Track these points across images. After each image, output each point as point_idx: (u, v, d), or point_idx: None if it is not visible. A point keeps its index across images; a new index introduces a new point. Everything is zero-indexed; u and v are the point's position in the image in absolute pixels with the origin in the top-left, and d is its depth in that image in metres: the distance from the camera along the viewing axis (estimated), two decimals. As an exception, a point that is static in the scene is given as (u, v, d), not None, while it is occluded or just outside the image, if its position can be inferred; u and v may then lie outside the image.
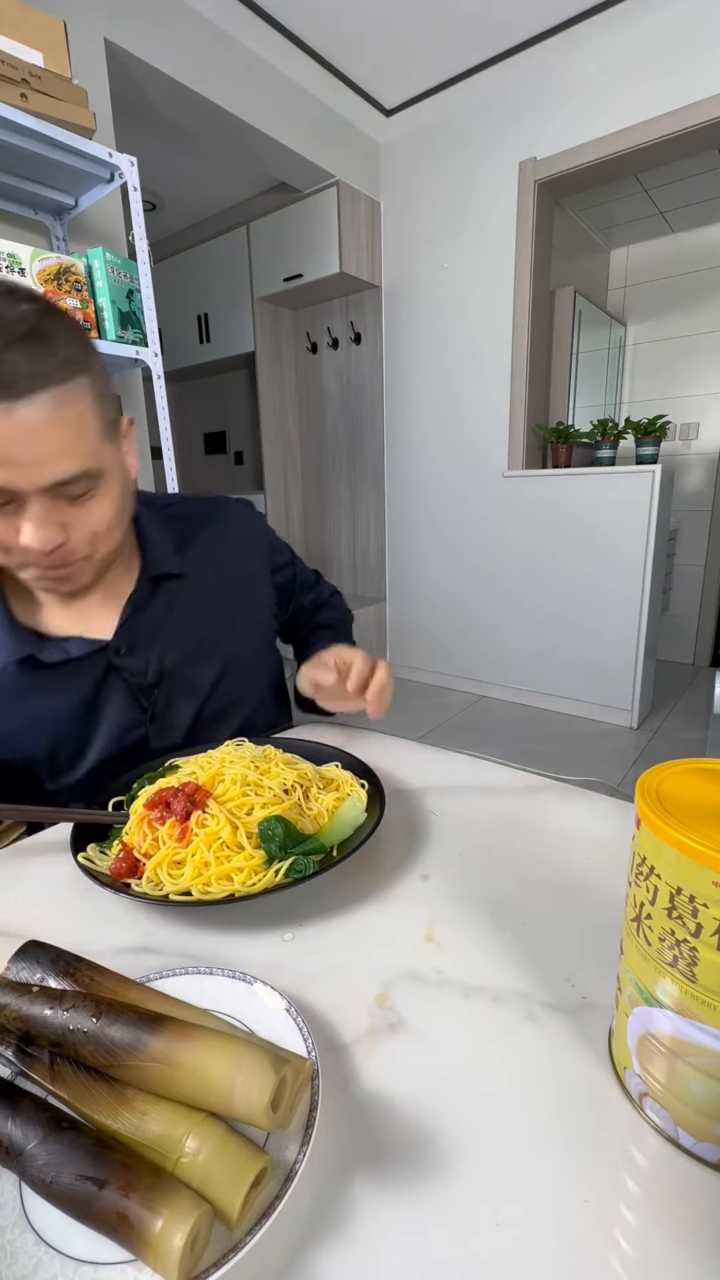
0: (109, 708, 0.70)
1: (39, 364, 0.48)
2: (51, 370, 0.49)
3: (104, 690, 0.69)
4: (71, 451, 0.52)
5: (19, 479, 0.50)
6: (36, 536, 0.53)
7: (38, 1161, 0.26)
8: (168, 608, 0.73)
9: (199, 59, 2.18)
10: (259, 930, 0.46)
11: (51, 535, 0.54)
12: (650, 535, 2.58)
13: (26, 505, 0.53)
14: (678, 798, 0.30)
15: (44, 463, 0.51)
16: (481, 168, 2.74)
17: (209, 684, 0.76)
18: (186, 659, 0.74)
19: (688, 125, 2.24)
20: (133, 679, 0.70)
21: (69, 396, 0.51)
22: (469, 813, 0.63)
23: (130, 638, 0.70)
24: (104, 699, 0.69)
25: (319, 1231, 0.27)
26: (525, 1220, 0.28)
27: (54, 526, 0.54)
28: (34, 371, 0.48)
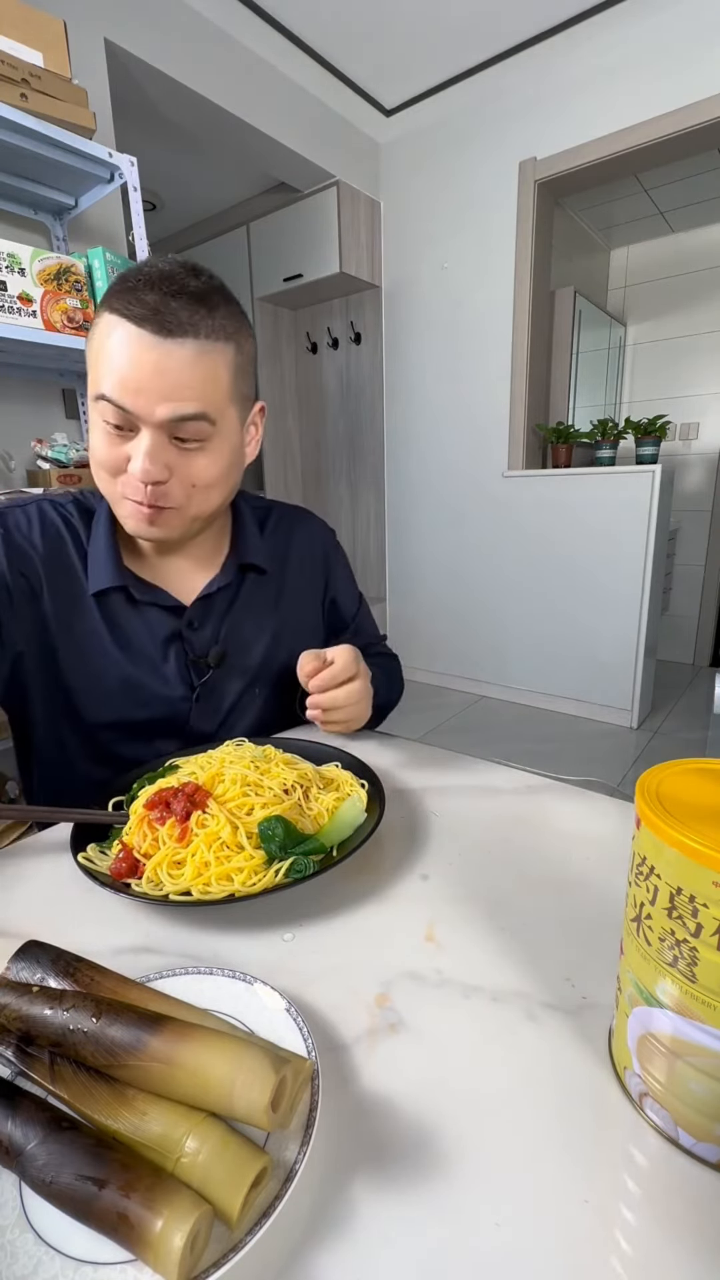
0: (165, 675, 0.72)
1: (194, 318, 0.57)
2: (201, 325, 0.57)
3: (166, 654, 0.72)
4: (194, 396, 0.59)
5: (142, 406, 0.57)
6: (141, 466, 0.59)
7: (38, 1161, 0.26)
8: (243, 598, 0.77)
9: (199, 59, 2.18)
10: (259, 930, 0.46)
11: (155, 470, 0.60)
12: (650, 535, 2.58)
13: (141, 435, 0.59)
14: (678, 798, 0.30)
15: (169, 398, 0.57)
16: (481, 168, 2.74)
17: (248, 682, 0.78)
18: (241, 652, 0.76)
19: (688, 125, 2.24)
20: (192, 654, 0.72)
21: (209, 351, 0.59)
22: (469, 813, 0.63)
23: (204, 614, 0.74)
24: (164, 662, 0.72)
25: (319, 1231, 0.27)
26: (525, 1220, 0.28)
27: (159, 464, 0.60)
28: (188, 321, 0.57)
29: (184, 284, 0.57)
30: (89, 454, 0.64)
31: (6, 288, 1.38)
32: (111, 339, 0.57)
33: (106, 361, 0.57)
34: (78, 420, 1.90)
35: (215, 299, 0.59)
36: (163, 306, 0.56)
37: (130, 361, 0.56)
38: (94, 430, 0.61)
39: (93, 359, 0.59)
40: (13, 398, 1.76)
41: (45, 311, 1.44)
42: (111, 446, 0.60)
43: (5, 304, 1.38)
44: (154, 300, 0.56)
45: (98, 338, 0.58)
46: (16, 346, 1.49)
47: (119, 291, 0.57)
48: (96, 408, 0.59)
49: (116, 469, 0.61)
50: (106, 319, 0.57)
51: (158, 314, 0.56)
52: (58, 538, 0.70)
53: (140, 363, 0.56)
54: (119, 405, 0.57)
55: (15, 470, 1.75)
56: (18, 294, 1.40)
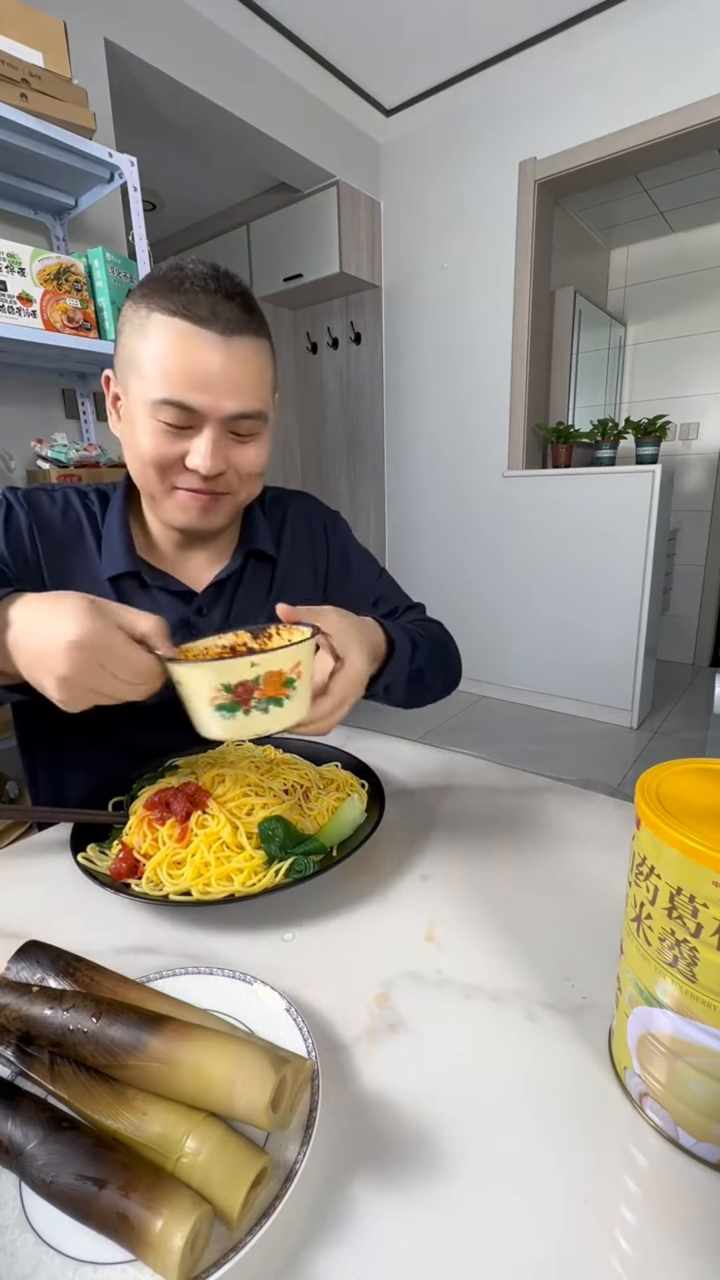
0: None
1: (245, 316, 0.60)
2: (255, 325, 0.61)
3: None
4: (255, 392, 0.62)
5: (209, 404, 0.59)
6: (207, 461, 0.61)
7: (38, 1161, 0.26)
8: (247, 582, 0.78)
9: (199, 59, 2.18)
10: (259, 930, 0.46)
11: (217, 463, 0.62)
12: (650, 535, 2.58)
13: (203, 431, 0.61)
14: (678, 798, 0.30)
15: (234, 394, 0.60)
16: (481, 168, 2.74)
17: None
18: None
19: (688, 125, 2.24)
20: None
21: (261, 350, 0.62)
22: (469, 813, 0.63)
23: (212, 601, 0.75)
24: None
25: (319, 1231, 0.27)
26: (525, 1220, 0.28)
27: (220, 456, 0.62)
28: (245, 320, 0.60)
29: (226, 285, 0.59)
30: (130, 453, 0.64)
31: (6, 288, 1.38)
32: (169, 340, 0.57)
33: (167, 362, 0.57)
34: (78, 420, 1.90)
35: (251, 298, 0.62)
36: (219, 308, 0.58)
37: (196, 362, 0.58)
38: (141, 429, 0.61)
39: (144, 362, 0.59)
40: (13, 398, 1.76)
41: (45, 311, 1.44)
42: (168, 444, 0.61)
43: (5, 304, 1.38)
44: (209, 301, 0.57)
45: (152, 342, 0.58)
46: (16, 346, 1.49)
47: (168, 293, 0.58)
48: (153, 410, 0.59)
49: (172, 465, 0.63)
50: (160, 320, 0.57)
51: (217, 314, 0.57)
52: (77, 522, 0.72)
53: (209, 362, 0.58)
54: (185, 405, 0.59)
55: (15, 470, 1.75)
56: (18, 294, 1.40)
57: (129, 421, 0.63)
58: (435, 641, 0.78)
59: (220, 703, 0.46)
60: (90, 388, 1.87)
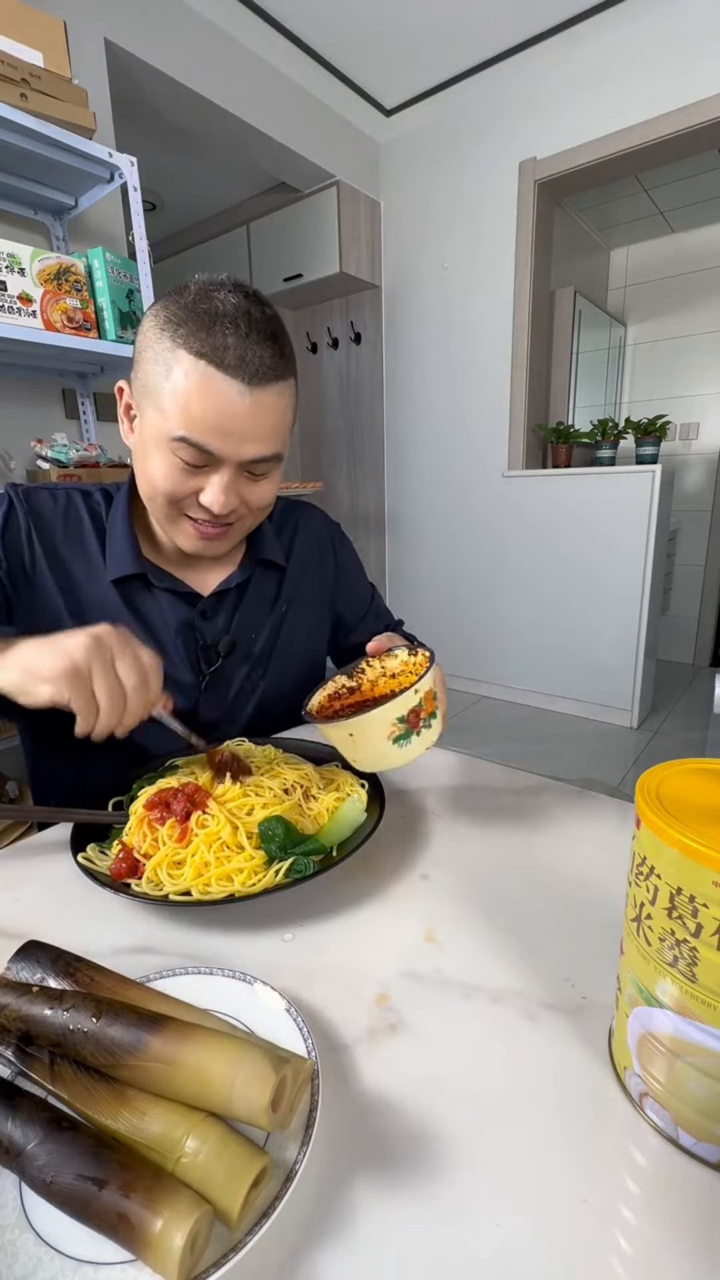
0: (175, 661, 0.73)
1: (276, 361, 0.59)
2: (282, 368, 0.60)
3: (177, 641, 0.73)
4: (275, 436, 0.62)
5: (228, 450, 0.59)
6: (219, 501, 0.61)
7: (38, 1161, 0.26)
8: (252, 591, 0.78)
9: (199, 59, 2.18)
10: (259, 930, 0.46)
11: (230, 502, 0.62)
12: (650, 535, 2.58)
13: (219, 471, 0.61)
14: (678, 798, 0.30)
15: (254, 441, 0.60)
16: (481, 168, 2.74)
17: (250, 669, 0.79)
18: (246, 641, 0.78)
19: (688, 125, 2.24)
20: (203, 642, 0.74)
21: (286, 392, 0.61)
22: (469, 813, 0.63)
23: (217, 606, 0.76)
24: (175, 649, 0.73)
25: (319, 1231, 0.27)
26: (525, 1220, 0.28)
27: (234, 495, 0.63)
28: (273, 366, 0.58)
29: (258, 321, 0.57)
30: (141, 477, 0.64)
31: (6, 288, 1.38)
32: (194, 383, 0.56)
33: (189, 405, 0.57)
34: (78, 420, 1.91)
35: (282, 333, 0.60)
36: (248, 353, 0.56)
37: (219, 410, 0.57)
38: (158, 463, 0.61)
39: (166, 395, 0.57)
40: (12, 398, 1.76)
41: (45, 311, 1.44)
42: (184, 480, 0.61)
43: (5, 304, 1.38)
44: (238, 345, 0.56)
45: (176, 378, 0.57)
46: (16, 346, 1.49)
47: (195, 329, 0.56)
48: (171, 446, 0.59)
49: (184, 499, 0.63)
50: (187, 360, 0.56)
51: (245, 363, 0.56)
52: (80, 523, 0.71)
53: (232, 412, 0.57)
54: (203, 448, 0.58)
55: (15, 470, 1.75)
56: (18, 294, 1.40)
57: (142, 445, 0.63)
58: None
59: (396, 734, 0.52)
60: (90, 388, 1.87)
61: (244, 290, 0.59)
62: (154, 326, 0.59)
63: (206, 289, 0.58)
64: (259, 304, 0.59)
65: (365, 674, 0.63)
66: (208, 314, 0.56)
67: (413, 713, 0.52)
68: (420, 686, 0.52)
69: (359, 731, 0.52)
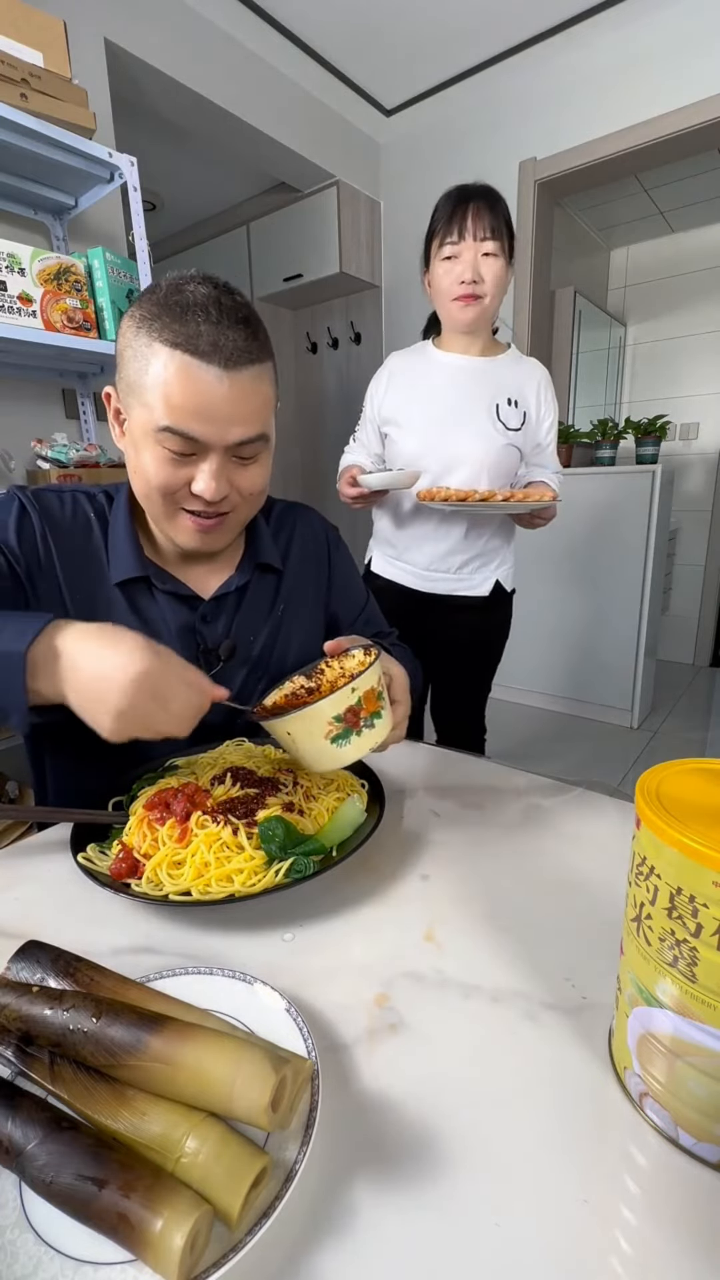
0: None
1: (250, 344, 0.59)
2: (256, 350, 0.60)
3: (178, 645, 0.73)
4: (257, 418, 0.62)
5: (213, 434, 0.60)
6: (211, 487, 0.62)
7: (38, 1161, 0.26)
8: (251, 594, 0.79)
9: (199, 59, 2.18)
10: (259, 930, 0.46)
11: (221, 488, 0.63)
12: (650, 535, 2.58)
13: (207, 458, 0.62)
14: (678, 798, 0.30)
15: (237, 423, 0.60)
16: (481, 168, 2.74)
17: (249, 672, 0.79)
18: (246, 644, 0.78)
19: (687, 125, 2.24)
20: (203, 645, 0.75)
21: (263, 375, 0.62)
22: (469, 813, 0.63)
23: (218, 610, 0.76)
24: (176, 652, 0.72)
25: (319, 1231, 0.27)
26: (525, 1220, 0.28)
27: (224, 480, 0.63)
28: (247, 349, 0.59)
29: (229, 308, 0.58)
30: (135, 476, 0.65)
31: (6, 288, 1.38)
32: (173, 373, 0.57)
33: (170, 395, 0.58)
34: (78, 420, 1.90)
35: (254, 318, 0.61)
36: (221, 339, 0.57)
37: (200, 396, 0.58)
38: (149, 458, 0.62)
39: (149, 389, 0.59)
40: (13, 398, 1.76)
41: (45, 311, 1.44)
42: (174, 470, 0.62)
43: (5, 304, 1.38)
44: (211, 332, 0.57)
45: (156, 370, 0.58)
46: (16, 346, 1.49)
47: (168, 321, 0.57)
48: (157, 438, 0.60)
49: (177, 491, 0.64)
50: (164, 352, 0.57)
51: (218, 347, 0.57)
52: (86, 525, 0.72)
53: (211, 396, 0.58)
54: (188, 435, 0.59)
55: (15, 470, 1.75)
56: (18, 294, 1.40)
57: (133, 444, 0.64)
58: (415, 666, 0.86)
59: (334, 733, 0.51)
60: (90, 388, 1.87)
61: (213, 281, 0.60)
62: (131, 326, 0.60)
63: (176, 283, 0.60)
64: (228, 292, 0.60)
65: (324, 674, 0.63)
66: (179, 305, 0.57)
67: (350, 711, 0.51)
68: (358, 685, 0.51)
69: (296, 729, 0.52)
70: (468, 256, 1.22)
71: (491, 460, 1.28)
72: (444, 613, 1.42)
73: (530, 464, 1.38)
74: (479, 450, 1.27)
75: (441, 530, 1.34)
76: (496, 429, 1.28)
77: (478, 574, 1.39)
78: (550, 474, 1.41)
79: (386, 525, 1.45)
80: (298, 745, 0.53)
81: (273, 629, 0.81)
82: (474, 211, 1.22)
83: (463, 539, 1.34)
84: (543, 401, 1.36)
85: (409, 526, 1.37)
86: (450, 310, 1.26)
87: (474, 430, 1.28)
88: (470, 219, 1.22)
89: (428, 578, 1.39)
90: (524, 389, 1.33)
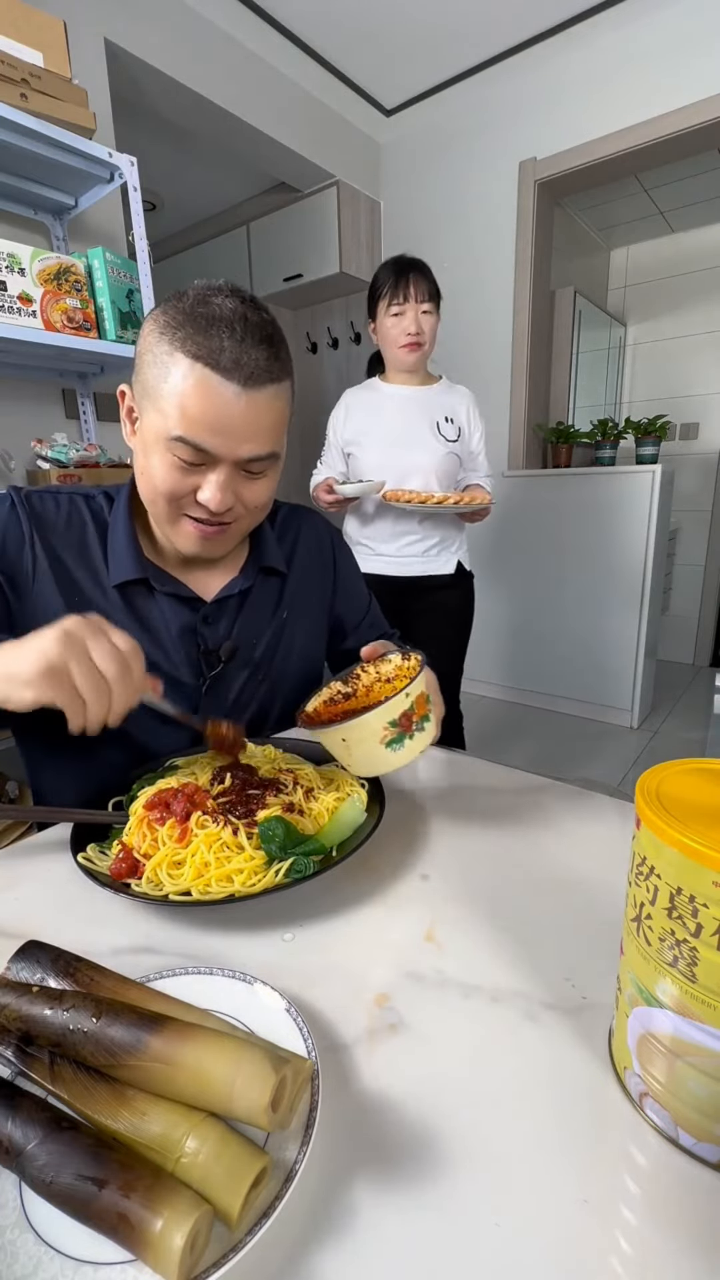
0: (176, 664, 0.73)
1: (270, 364, 0.60)
2: (277, 370, 0.61)
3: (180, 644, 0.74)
4: (269, 436, 0.63)
5: (224, 448, 0.60)
6: (216, 498, 0.62)
7: (38, 1161, 0.26)
8: (254, 596, 0.78)
9: (199, 59, 2.18)
10: (259, 930, 0.46)
11: (227, 499, 0.63)
12: (650, 535, 2.58)
13: (216, 469, 0.62)
14: (678, 798, 0.30)
15: (250, 440, 0.61)
16: (481, 168, 2.74)
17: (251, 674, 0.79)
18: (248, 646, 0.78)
19: (688, 125, 2.24)
20: (205, 647, 0.74)
21: (280, 394, 0.63)
22: (469, 813, 0.63)
23: (219, 611, 0.76)
24: (177, 652, 0.74)
25: (319, 1231, 0.27)
26: (525, 1220, 0.28)
27: (230, 493, 0.63)
28: (268, 368, 0.60)
29: (254, 325, 0.59)
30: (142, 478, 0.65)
31: (6, 288, 1.38)
32: (191, 385, 0.57)
33: (186, 406, 0.58)
34: (78, 420, 1.91)
35: (278, 337, 0.61)
36: (244, 356, 0.58)
37: (216, 410, 0.58)
38: (158, 463, 0.62)
39: (165, 396, 0.59)
40: (13, 398, 1.76)
41: (45, 311, 1.44)
42: (182, 479, 0.62)
43: (5, 304, 1.38)
44: (234, 348, 0.57)
45: (175, 380, 0.58)
46: (16, 346, 1.49)
47: (192, 332, 0.57)
48: (169, 445, 0.60)
49: (183, 498, 0.64)
50: (184, 363, 0.57)
51: (240, 365, 0.57)
52: (82, 528, 0.72)
53: (228, 413, 0.58)
54: (200, 447, 0.60)
55: (15, 470, 1.75)
56: (18, 294, 1.40)
57: (143, 446, 0.64)
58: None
59: (390, 738, 0.53)
60: (90, 388, 1.87)
61: (240, 295, 0.60)
62: (153, 331, 0.60)
63: (204, 294, 0.59)
64: (255, 308, 0.60)
65: (360, 679, 0.64)
66: (205, 318, 0.57)
67: (404, 716, 0.53)
68: (411, 690, 0.53)
69: (352, 736, 0.53)
70: (411, 314, 1.57)
71: (437, 465, 1.64)
72: (419, 593, 1.74)
73: (467, 469, 1.76)
74: (426, 459, 1.63)
75: (401, 525, 1.68)
76: (439, 441, 1.65)
77: (441, 555, 1.73)
78: (483, 477, 1.78)
79: (354, 527, 1.77)
80: (352, 751, 0.54)
81: (275, 632, 0.80)
82: (414, 280, 1.55)
83: (419, 525, 1.68)
84: (472, 418, 1.73)
85: (372, 525, 1.71)
86: (399, 355, 1.62)
87: (421, 444, 1.64)
88: (412, 286, 1.55)
89: (402, 563, 1.71)
90: (456, 410, 1.70)
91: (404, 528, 1.67)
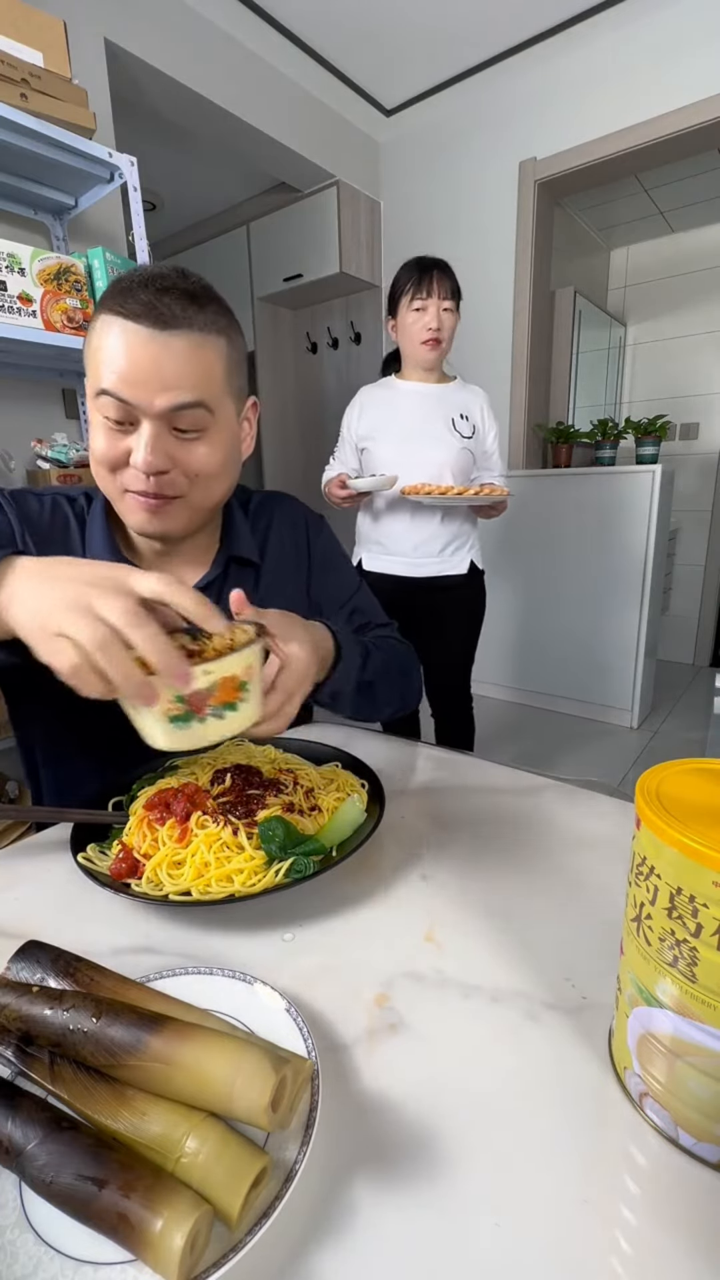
0: None
1: (187, 312, 0.59)
2: (194, 319, 0.60)
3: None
4: (191, 385, 0.60)
5: (142, 397, 0.59)
6: (144, 458, 0.61)
7: (38, 1161, 0.26)
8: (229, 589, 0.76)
9: (199, 59, 2.18)
10: (259, 930, 0.46)
11: (156, 460, 0.61)
12: (650, 535, 2.58)
13: (142, 426, 0.61)
14: (678, 798, 0.30)
15: (167, 387, 0.59)
16: (481, 168, 2.74)
17: None
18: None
19: (688, 125, 2.24)
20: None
21: (203, 344, 0.61)
22: (469, 813, 0.63)
23: None
24: None
25: (319, 1231, 0.27)
26: (525, 1220, 0.28)
27: (160, 453, 0.61)
28: (181, 315, 0.59)
29: (174, 282, 0.60)
30: (89, 452, 0.65)
31: (6, 288, 1.38)
32: (109, 336, 0.59)
33: (105, 358, 0.59)
34: (78, 420, 1.90)
35: (204, 297, 0.62)
36: (156, 302, 0.58)
37: (128, 355, 0.58)
38: (94, 428, 0.63)
39: (91, 358, 0.61)
40: (13, 398, 1.76)
41: (45, 311, 1.44)
42: (112, 441, 0.62)
43: (5, 304, 1.38)
44: (147, 297, 0.58)
45: (96, 337, 0.60)
46: (16, 346, 1.49)
47: (114, 294, 0.59)
48: (96, 404, 0.61)
49: (117, 463, 0.63)
50: (103, 319, 0.60)
51: (152, 309, 0.58)
52: (64, 526, 0.72)
53: (138, 356, 0.58)
54: (119, 398, 0.59)
55: (15, 470, 1.75)
56: (18, 294, 1.40)
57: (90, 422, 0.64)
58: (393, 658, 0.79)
59: (174, 714, 0.44)
60: (90, 388, 1.87)
61: (170, 265, 0.62)
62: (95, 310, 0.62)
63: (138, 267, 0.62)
64: (185, 276, 0.61)
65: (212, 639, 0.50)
66: (126, 279, 0.60)
67: (195, 694, 0.43)
68: (215, 667, 0.43)
69: None
70: (433, 309, 1.58)
71: (452, 461, 1.64)
72: (433, 593, 1.72)
73: (480, 469, 1.77)
74: (441, 454, 1.63)
75: (418, 521, 1.66)
76: (454, 437, 1.65)
77: (456, 555, 1.72)
78: (497, 476, 1.77)
79: (366, 525, 1.76)
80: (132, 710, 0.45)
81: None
82: (437, 277, 1.57)
83: (439, 525, 1.67)
84: (486, 418, 1.74)
85: (384, 522, 1.70)
86: (418, 350, 1.63)
87: (436, 439, 1.64)
88: (435, 282, 1.57)
89: (416, 563, 1.70)
90: (470, 408, 1.71)
91: (422, 526, 1.66)
